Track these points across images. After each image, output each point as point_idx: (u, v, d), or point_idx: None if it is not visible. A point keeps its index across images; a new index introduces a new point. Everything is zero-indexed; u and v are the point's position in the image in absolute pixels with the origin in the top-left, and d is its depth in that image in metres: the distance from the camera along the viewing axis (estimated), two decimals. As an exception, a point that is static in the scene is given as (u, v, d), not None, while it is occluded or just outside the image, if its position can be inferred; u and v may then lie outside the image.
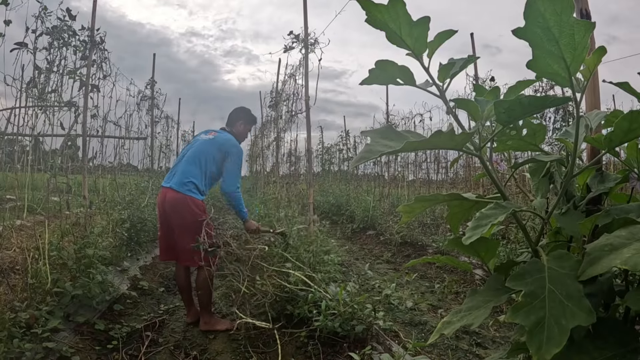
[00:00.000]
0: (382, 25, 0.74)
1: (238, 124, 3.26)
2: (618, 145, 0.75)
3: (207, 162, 2.95)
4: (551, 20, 0.63)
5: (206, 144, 3.02)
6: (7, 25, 2.95)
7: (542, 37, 0.65)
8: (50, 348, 2.13)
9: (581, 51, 0.65)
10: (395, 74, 0.79)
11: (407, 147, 0.65)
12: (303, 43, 4.34)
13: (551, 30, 0.64)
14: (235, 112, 3.31)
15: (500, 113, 0.71)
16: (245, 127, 3.30)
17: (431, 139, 0.66)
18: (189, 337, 2.77)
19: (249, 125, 3.33)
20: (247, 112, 3.33)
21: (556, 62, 0.67)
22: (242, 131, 3.29)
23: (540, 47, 0.66)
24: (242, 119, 3.28)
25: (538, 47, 0.66)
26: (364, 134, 0.75)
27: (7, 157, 3.74)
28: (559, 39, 0.64)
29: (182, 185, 2.82)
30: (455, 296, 3.85)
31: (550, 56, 0.67)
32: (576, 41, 0.64)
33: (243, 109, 3.35)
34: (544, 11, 0.62)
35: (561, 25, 0.63)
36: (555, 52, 0.66)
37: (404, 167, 9.65)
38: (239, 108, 3.38)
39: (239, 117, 3.28)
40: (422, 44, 0.76)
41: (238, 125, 3.26)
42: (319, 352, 2.47)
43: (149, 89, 7.92)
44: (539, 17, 0.63)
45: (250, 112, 3.35)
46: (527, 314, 0.61)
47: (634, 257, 0.58)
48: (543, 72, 0.70)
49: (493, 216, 0.75)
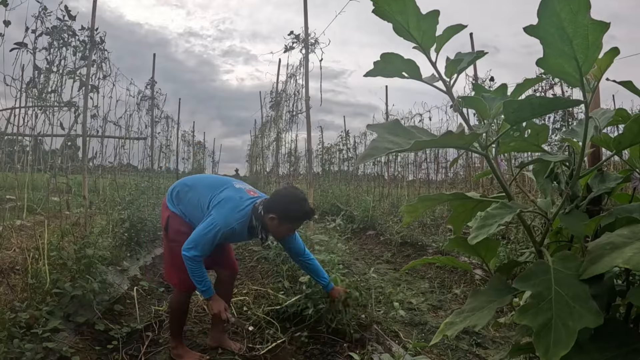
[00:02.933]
0: (390, 17, 0.72)
1: (268, 217, 2.23)
2: (627, 147, 0.74)
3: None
4: (566, 20, 0.62)
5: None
6: (7, 25, 2.95)
7: (555, 36, 0.64)
8: (50, 348, 2.13)
9: (594, 52, 0.64)
10: (400, 67, 0.78)
11: (416, 147, 0.64)
12: (303, 43, 4.34)
13: (565, 29, 0.62)
14: (275, 196, 2.31)
15: (510, 113, 0.70)
16: (281, 225, 2.24)
17: (441, 139, 0.65)
18: (189, 337, 2.77)
19: (287, 223, 2.25)
20: (287, 205, 2.23)
21: (567, 61, 0.66)
22: (275, 228, 2.26)
23: (552, 45, 0.65)
24: (276, 212, 2.22)
25: (550, 46, 0.65)
26: (370, 127, 0.73)
27: (7, 157, 3.73)
28: (572, 39, 0.63)
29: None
30: (455, 296, 3.85)
31: (562, 55, 0.66)
32: (590, 42, 0.63)
33: (286, 196, 2.27)
34: (560, 10, 0.61)
35: (576, 25, 0.62)
36: (567, 51, 0.65)
37: (403, 167, 9.66)
38: (282, 192, 2.35)
39: (273, 208, 2.23)
40: (431, 38, 0.75)
41: (268, 218, 2.23)
42: (319, 352, 2.47)
43: (149, 89, 7.92)
44: (554, 15, 0.62)
45: (294, 205, 2.23)
46: (535, 315, 0.60)
47: (635, 256, 0.57)
48: (554, 70, 0.69)
49: (499, 216, 0.74)
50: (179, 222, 2.40)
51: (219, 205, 2.26)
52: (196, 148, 16.70)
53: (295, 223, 2.32)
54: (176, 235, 2.38)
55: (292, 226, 2.31)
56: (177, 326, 2.49)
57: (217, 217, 2.20)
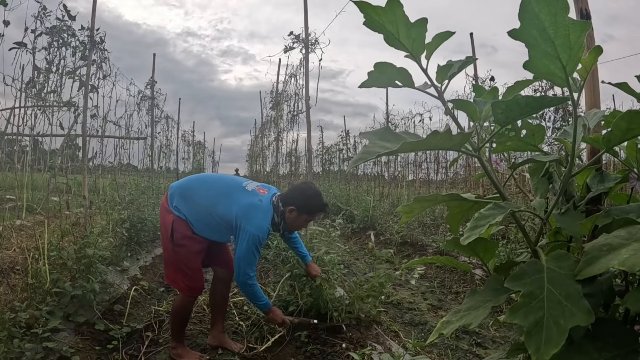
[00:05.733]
0: (380, 27, 0.74)
1: (288, 209, 2.35)
2: (617, 144, 0.75)
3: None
4: (546, 21, 0.63)
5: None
6: (6, 25, 2.95)
7: (537, 38, 0.65)
8: (50, 348, 2.13)
9: (577, 51, 0.65)
10: (393, 76, 0.79)
11: (404, 148, 0.65)
12: (304, 43, 4.34)
13: (547, 31, 0.64)
14: (293, 190, 2.44)
15: (498, 114, 0.71)
16: (299, 217, 2.37)
17: (428, 140, 0.66)
18: (189, 337, 2.77)
19: (305, 215, 2.38)
20: (305, 198, 2.36)
21: (552, 62, 0.68)
22: (294, 220, 2.38)
23: (536, 48, 0.66)
24: (296, 205, 2.34)
25: (534, 48, 0.66)
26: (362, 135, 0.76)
27: (7, 157, 3.74)
28: (554, 40, 0.65)
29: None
30: (455, 296, 3.85)
31: (547, 57, 0.67)
32: (572, 41, 0.64)
33: (304, 190, 2.41)
34: (539, 12, 0.63)
35: (556, 26, 0.63)
36: (551, 52, 0.66)
37: (403, 167, 9.67)
38: (300, 186, 2.50)
39: (292, 201, 2.35)
40: (420, 46, 0.76)
41: (288, 210, 2.35)
42: (319, 352, 2.48)
43: (149, 89, 7.93)
44: (534, 18, 0.63)
45: (312, 198, 2.37)
46: (526, 314, 0.61)
47: (631, 258, 0.58)
48: (540, 72, 0.70)
49: (491, 216, 0.75)
50: (184, 227, 2.32)
51: (247, 217, 2.26)
52: (196, 148, 16.72)
53: (312, 215, 2.44)
54: (183, 239, 2.31)
55: (309, 217, 2.43)
56: (179, 328, 2.48)
57: (252, 229, 2.23)
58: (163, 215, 2.41)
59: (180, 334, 2.50)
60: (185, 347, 2.54)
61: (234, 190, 2.37)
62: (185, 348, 2.52)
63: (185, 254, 2.33)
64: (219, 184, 2.43)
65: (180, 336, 2.50)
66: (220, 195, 2.34)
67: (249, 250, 2.23)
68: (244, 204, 2.29)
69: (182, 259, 2.34)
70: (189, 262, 2.37)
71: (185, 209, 2.33)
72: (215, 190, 2.37)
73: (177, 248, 2.33)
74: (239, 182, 2.47)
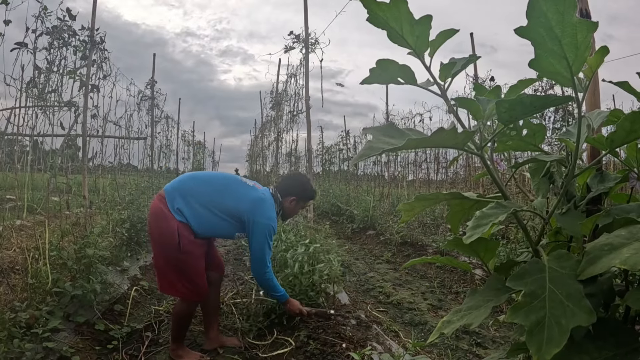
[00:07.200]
0: (384, 24, 0.73)
1: (289, 200, 2.54)
2: (620, 145, 0.75)
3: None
4: (553, 20, 0.63)
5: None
6: (7, 25, 2.95)
7: (544, 37, 0.65)
8: (50, 348, 2.13)
9: (584, 51, 0.65)
10: (396, 73, 0.79)
11: (409, 145, 0.65)
12: (304, 43, 4.34)
13: (554, 29, 0.63)
14: (289, 181, 2.63)
15: (502, 112, 0.71)
16: (297, 205, 2.60)
17: (433, 137, 0.66)
18: (189, 337, 2.77)
19: (302, 202, 2.63)
20: (303, 187, 2.59)
21: (558, 61, 0.67)
22: (292, 209, 2.60)
23: (542, 46, 0.66)
24: (296, 194, 2.55)
25: (540, 47, 0.66)
26: (366, 130, 0.75)
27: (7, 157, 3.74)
28: (561, 39, 0.64)
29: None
30: (455, 296, 3.85)
31: (553, 55, 0.66)
32: (579, 41, 0.64)
33: (300, 180, 2.65)
34: (547, 10, 0.62)
35: (564, 25, 0.63)
36: (557, 51, 0.66)
37: (404, 167, 9.66)
38: (294, 177, 2.73)
39: (292, 191, 2.55)
40: (424, 43, 0.76)
41: (288, 201, 2.54)
42: (319, 352, 2.47)
43: (149, 89, 7.93)
44: (542, 16, 0.63)
45: (308, 186, 2.62)
46: (527, 313, 0.61)
47: (633, 257, 0.58)
48: (545, 71, 0.70)
49: (494, 215, 0.74)
50: (188, 231, 2.25)
51: (258, 210, 2.33)
52: (196, 148, 16.71)
53: (307, 202, 2.67)
54: (189, 245, 2.24)
55: (303, 204, 2.66)
56: (181, 332, 2.46)
57: (265, 220, 2.33)
58: (159, 222, 2.26)
59: (182, 336, 2.49)
60: (186, 347, 2.53)
61: (237, 185, 2.40)
62: (186, 348, 2.52)
63: (193, 259, 2.29)
64: (215, 180, 2.42)
65: (181, 338, 2.50)
66: (223, 191, 2.34)
67: (264, 241, 2.33)
68: (252, 199, 2.35)
69: (190, 266, 2.28)
70: (197, 267, 2.32)
71: (187, 211, 2.25)
72: (216, 187, 2.35)
73: (183, 255, 2.25)
74: (236, 177, 2.51)
